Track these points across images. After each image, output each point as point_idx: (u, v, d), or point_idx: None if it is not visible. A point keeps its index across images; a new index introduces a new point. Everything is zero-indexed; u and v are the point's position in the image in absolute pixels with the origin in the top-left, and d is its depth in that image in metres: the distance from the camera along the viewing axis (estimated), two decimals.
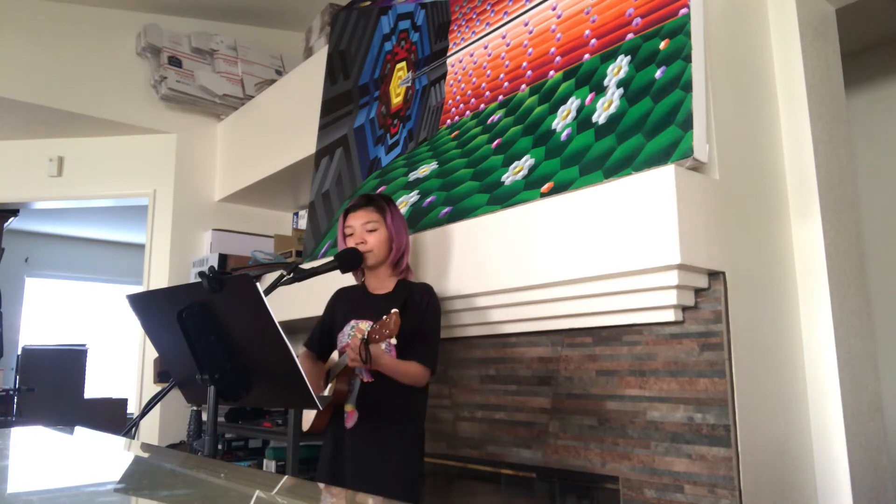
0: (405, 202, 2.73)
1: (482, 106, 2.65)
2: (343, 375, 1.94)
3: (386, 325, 1.80)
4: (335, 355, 2.06)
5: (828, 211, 2.19)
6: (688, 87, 1.89)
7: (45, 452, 1.22)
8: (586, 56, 2.27)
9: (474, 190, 2.46)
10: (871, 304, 2.40)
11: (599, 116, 2.13)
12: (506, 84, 2.57)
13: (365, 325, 2.03)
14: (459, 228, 2.36)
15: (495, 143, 2.50)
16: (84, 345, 6.01)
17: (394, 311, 1.80)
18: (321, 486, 0.90)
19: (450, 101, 2.82)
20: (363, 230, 2.08)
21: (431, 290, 2.10)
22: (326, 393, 1.97)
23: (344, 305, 2.16)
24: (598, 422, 2.06)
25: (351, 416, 1.98)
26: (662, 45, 2.02)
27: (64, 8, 4.31)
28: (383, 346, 1.92)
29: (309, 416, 2.02)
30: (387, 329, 1.80)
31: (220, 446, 3.76)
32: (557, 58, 2.38)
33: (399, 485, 1.93)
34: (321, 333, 2.15)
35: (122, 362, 7.24)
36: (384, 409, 1.96)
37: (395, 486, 1.92)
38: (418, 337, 1.99)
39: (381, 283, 2.12)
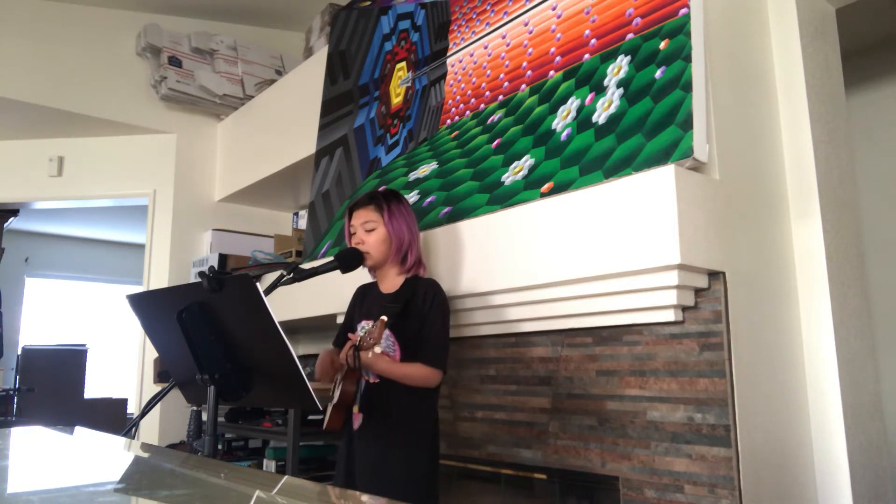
0: (406, 200, 2.73)
1: (482, 106, 2.65)
2: (351, 377, 1.93)
3: (371, 332, 1.81)
4: None
5: (828, 211, 2.19)
6: (688, 87, 1.89)
7: (45, 452, 1.21)
8: (586, 56, 2.27)
9: (474, 190, 2.46)
10: (871, 305, 2.40)
11: (599, 116, 2.13)
12: (506, 84, 2.57)
13: (370, 326, 2.02)
14: (460, 228, 2.36)
15: (495, 143, 2.50)
16: (84, 345, 6.01)
17: (381, 318, 1.80)
18: (322, 486, 0.90)
19: (450, 101, 2.82)
20: (362, 230, 2.06)
21: (436, 286, 2.06)
22: (336, 394, 1.96)
23: (361, 304, 2.16)
24: (598, 422, 2.06)
25: (357, 418, 1.98)
26: (662, 45, 2.02)
27: (64, 8, 4.31)
28: (378, 349, 1.89)
29: (328, 413, 2.02)
30: (371, 337, 1.80)
31: (220, 446, 3.76)
32: (557, 58, 2.38)
33: (403, 486, 1.91)
34: (344, 332, 2.14)
35: (122, 362, 7.24)
36: (387, 410, 1.95)
37: (398, 488, 1.91)
38: (423, 336, 1.96)
39: (390, 280, 2.10)
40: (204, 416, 3.18)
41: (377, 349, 1.85)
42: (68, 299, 7.94)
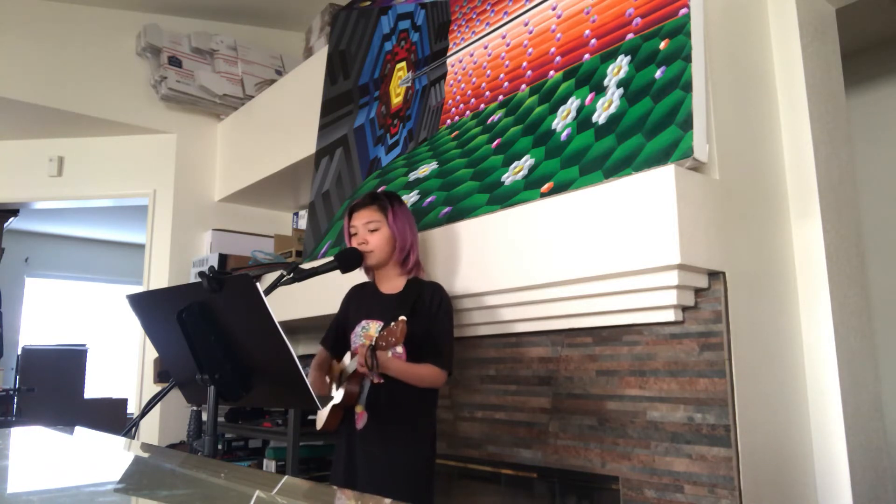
0: (405, 202, 2.73)
1: (482, 106, 2.65)
2: (354, 377, 1.94)
3: (392, 332, 1.80)
4: (347, 357, 2.05)
5: (828, 211, 2.19)
6: (688, 87, 1.89)
7: (45, 452, 1.21)
8: (586, 56, 2.27)
9: (474, 190, 2.46)
10: (871, 304, 2.40)
11: (599, 116, 2.13)
12: (506, 84, 2.57)
13: (375, 326, 2.02)
14: (460, 228, 2.36)
15: (495, 143, 2.50)
16: (84, 345, 6.01)
17: (401, 318, 1.79)
18: (322, 486, 0.90)
19: (450, 101, 2.82)
20: (365, 230, 2.07)
21: (442, 290, 2.08)
22: (338, 394, 1.97)
23: (356, 304, 2.15)
24: (598, 422, 2.06)
25: (361, 418, 1.98)
26: (662, 45, 2.02)
27: (64, 8, 4.31)
28: (399, 348, 1.91)
29: (322, 415, 2.02)
30: (393, 337, 1.79)
31: (220, 446, 3.76)
32: (557, 58, 2.38)
33: (408, 485, 1.92)
34: (336, 331, 2.14)
35: (122, 362, 7.24)
36: (393, 410, 1.96)
37: (404, 487, 1.91)
38: (430, 338, 1.97)
39: (391, 281, 2.11)
40: (204, 416, 3.18)
41: (399, 349, 1.86)
42: (68, 299, 7.94)
